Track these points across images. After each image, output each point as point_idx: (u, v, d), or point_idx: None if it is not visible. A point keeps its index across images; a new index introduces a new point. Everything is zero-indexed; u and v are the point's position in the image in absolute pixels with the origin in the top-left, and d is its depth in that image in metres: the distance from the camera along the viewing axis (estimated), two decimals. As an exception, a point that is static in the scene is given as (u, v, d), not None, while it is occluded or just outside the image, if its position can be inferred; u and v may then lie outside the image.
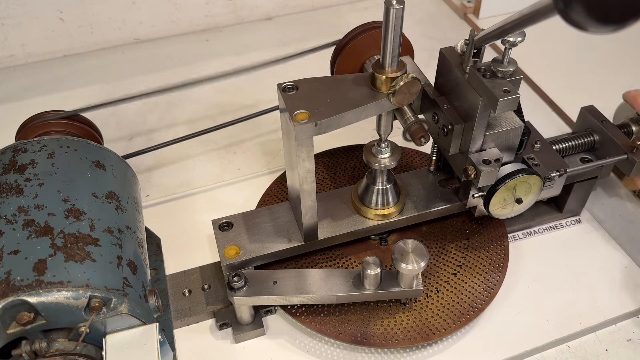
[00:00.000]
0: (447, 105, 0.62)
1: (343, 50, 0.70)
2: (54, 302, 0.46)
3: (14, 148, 0.58)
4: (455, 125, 0.60)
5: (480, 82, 0.55)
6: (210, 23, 1.14)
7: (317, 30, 1.14)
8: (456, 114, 0.61)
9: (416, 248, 0.59)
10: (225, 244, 0.65)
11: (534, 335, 0.64)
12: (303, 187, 0.59)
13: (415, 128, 0.59)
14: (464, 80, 0.58)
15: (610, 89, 0.95)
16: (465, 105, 0.59)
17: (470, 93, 0.58)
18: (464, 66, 0.58)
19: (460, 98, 0.60)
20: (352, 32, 0.71)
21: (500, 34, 0.52)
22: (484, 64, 0.57)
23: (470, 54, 0.57)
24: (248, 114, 0.78)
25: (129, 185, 0.62)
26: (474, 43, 0.56)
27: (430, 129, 0.64)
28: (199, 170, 0.85)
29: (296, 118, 0.53)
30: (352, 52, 0.70)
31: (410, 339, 0.61)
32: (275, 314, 0.67)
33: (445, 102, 0.62)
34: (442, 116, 0.62)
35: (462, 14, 1.15)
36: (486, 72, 0.56)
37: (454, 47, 0.62)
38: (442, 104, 0.62)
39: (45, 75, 1.04)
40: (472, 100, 0.58)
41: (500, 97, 0.53)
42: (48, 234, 0.50)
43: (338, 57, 0.71)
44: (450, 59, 0.60)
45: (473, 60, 0.57)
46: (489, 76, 0.56)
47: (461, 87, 0.59)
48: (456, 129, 0.60)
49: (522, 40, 0.54)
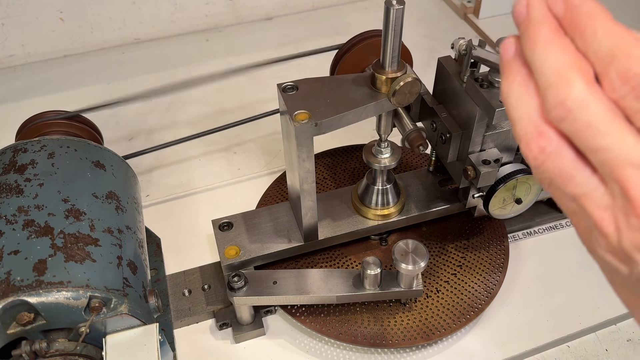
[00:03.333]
0: (445, 113, 0.63)
1: (343, 58, 0.71)
2: (54, 302, 0.46)
3: (14, 148, 0.58)
4: (453, 134, 0.61)
5: (478, 92, 0.56)
6: (210, 23, 1.14)
7: (317, 30, 1.14)
8: (454, 123, 0.62)
9: (416, 248, 0.59)
10: (225, 244, 0.65)
11: (534, 335, 0.64)
12: (303, 187, 0.59)
13: (414, 136, 0.60)
14: (462, 90, 0.59)
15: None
16: (463, 114, 0.60)
17: (468, 102, 0.58)
18: (462, 76, 0.59)
19: (458, 107, 0.61)
20: (353, 40, 0.71)
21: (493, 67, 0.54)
22: (482, 73, 0.58)
23: (467, 64, 0.57)
24: (249, 116, 0.78)
25: (129, 185, 0.62)
26: (471, 54, 0.56)
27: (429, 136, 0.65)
28: (199, 170, 0.85)
29: (296, 118, 0.53)
30: (352, 60, 0.70)
31: (410, 339, 0.61)
32: (275, 314, 0.67)
33: (443, 111, 0.63)
34: (440, 124, 0.63)
35: (462, 14, 1.15)
36: (483, 82, 0.56)
37: (451, 57, 0.62)
38: (440, 113, 0.63)
39: (45, 75, 1.04)
40: (469, 109, 0.59)
41: (497, 108, 0.54)
42: (48, 234, 0.50)
43: (338, 64, 0.71)
44: (448, 68, 0.61)
45: (470, 70, 0.58)
46: (486, 86, 0.56)
47: (459, 96, 0.60)
48: (454, 137, 0.61)
49: None
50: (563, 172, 0.28)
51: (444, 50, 1.06)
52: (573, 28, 0.27)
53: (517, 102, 0.29)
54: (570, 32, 0.28)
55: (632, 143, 0.25)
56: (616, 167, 0.26)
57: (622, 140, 0.25)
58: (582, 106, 0.26)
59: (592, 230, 0.28)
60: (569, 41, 0.27)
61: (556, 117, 0.27)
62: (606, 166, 0.26)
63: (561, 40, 0.27)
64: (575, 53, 0.27)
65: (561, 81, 0.27)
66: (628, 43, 0.26)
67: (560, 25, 0.28)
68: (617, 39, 0.26)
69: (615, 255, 0.27)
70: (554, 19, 0.28)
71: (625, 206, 0.26)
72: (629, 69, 0.25)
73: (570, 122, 0.26)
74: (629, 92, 0.25)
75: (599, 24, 0.26)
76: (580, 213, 0.28)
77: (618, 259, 0.27)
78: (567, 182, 0.28)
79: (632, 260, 0.26)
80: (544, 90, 0.27)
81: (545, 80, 0.27)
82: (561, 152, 0.28)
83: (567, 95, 0.26)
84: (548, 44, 0.27)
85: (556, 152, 0.28)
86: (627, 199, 0.25)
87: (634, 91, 0.25)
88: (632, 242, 0.26)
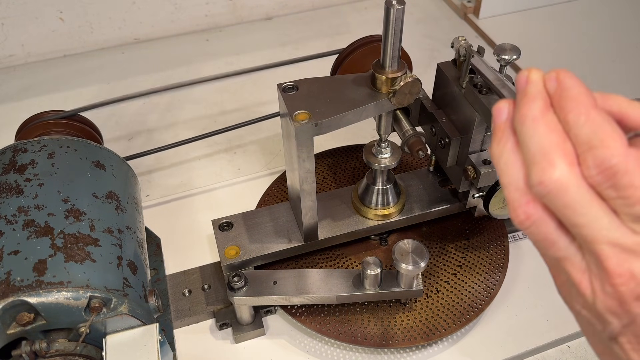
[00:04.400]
0: (444, 118, 0.63)
1: (343, 62, 0.71)
2: (54, 302, 0.46)
3: (13, 148, 0.58)
4: (452, 139, 0.61)
5: (477, 98, 0.56)
6: (210, 23, 1.14)
7: (317, 30, 1.14)
8: (453, 128, 0.62)
9: (416, 248, 0.59)
10: (225, 244, 0.65)
11: (534, 335, 0.64)
12: (303, 187, 0.59)
13: (413, 141, 0.60)
14: (461, 95, 0.59)
15: (611, 88, 0.95)
16: (462, 119, 0.60)
17: (467, 108, 0.59)
18: (461, 81, 0.59)
19: (457, 112, 0.61)
20: (353, 44, 0.71)
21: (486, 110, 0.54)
22: (480, 79, 0.58)
23: (466, 70, 0.57)
24: (250, 118, 0.78)
25: (129, 185, 0.62)
26: (470, 62, 0.56)
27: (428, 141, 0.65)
28: (199, 170, 0.85)
29: (296, 118, 0.53)
30: (353, 64, 0.71)
31: (410, 339, 0.61)
32: (275, 314, 0.67)
33: (443, 116, 0.63)
34: (439, 129, 0.63)
35: (462, 14, 1.15)
36: (482, 88, 0.56)
37: (450, 63, 0.62)
38: (440, 117, 0.63)
39: (45, 75, 1.04)
40: (468, 114, 0.59)
41: None
42: (48, 234, 0.50)
43: (338, 68, 0.72)
44: (447, 74, 0.61)
45: (469, 76, 0.58)
46: (485, 92, 0.56)
47: (458, 101, 0.60)
48: (453, 142, 0.61)
49: (517, 59, 0.56)
50: (546, 238, 0.30)
51: (444, 50, 1.06)
52: (560, 108, 0.30)
53: (506, 168, 0.31)
54: (557, 110, 0.30)
55: (606, 224, 0.28)
56: (592, 243, 0.28)
57: (598, 221, 0.28)
58: (562, 188, 0.28)
59: (570, 286, 0.31)
60: (556, 121, 0.30)
61: (538, 193, 0.29)
62: (583, 240, 0.29)
63: (549, 119, 0.30)
64: (560, 134, 0.29)
65: (545, 161, 0.29)
66: (606, 134, 0.28)
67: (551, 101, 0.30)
68: (597, 127, 0.28)
69: (591, 312, 0.30)
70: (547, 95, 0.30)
71: (601, 275, 0.29)
72: (605, 160, 0.27)
73: (550, 199, 0.29)
74: (604, 180, 0.28)
75: (582, 110, 0.29)
76: (561, 271, 0.31)
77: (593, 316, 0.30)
78: (549, 246, 0.31)
79: (605, 320, 0.29)
80: (529, 164, 0.30)
81: (531, 157, 0.29)
82: (544, 221, 0.30)
83: (549, 177, 0.28)
84: (537, 121, 0.30)
85: (540, 221, 0.30)
86: (602, 269, 0.28)
87: (608, 181, 0.28)
88: (605, 306, 0.29)
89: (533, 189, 0.29)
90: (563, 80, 0.30)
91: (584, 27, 1.11)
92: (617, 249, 0.28)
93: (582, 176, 0.28)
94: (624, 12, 1.15)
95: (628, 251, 0.28)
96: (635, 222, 0.28)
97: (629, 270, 0.27)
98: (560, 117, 0.29)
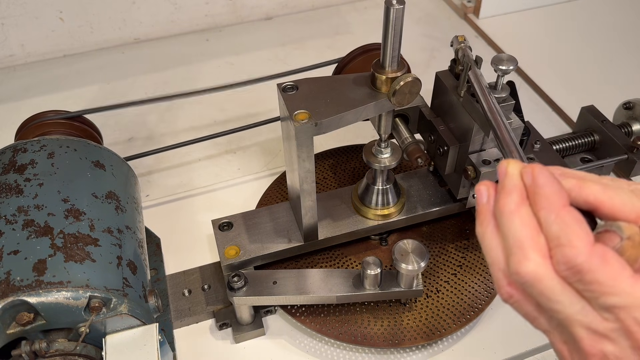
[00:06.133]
0: (443, 126, 0.63)
1: (342, 71, 0.71)
2: (54, 302, 0.46)
3: (13, 148, 0.58)
4: (450, 147, 0.61)
5: (474, 107, 0.57)
6: (210, 23, 1.14)
7: (317, 30, 1.14)
8: (451, 136, 0.62)
9: (416, 248, 0.59)
10: (225, 244, 0.65)
11: (534, 335, 0.63)
12: (303, 187, 0.59)
13: (412, 148, 0.60)
14: (459, 104, 0.59)
15: (611, 88, 0.95)
16: (460, 128, 0.61)
17: (465, 116, 0.59)
18: (459, 90, 0.59)
19: (455, 120, 0.62)
20: (352, 53, 0.71)
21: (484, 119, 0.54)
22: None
23: (464, 79, 0.57)
24: (249, 121, 0.78)
25: (128, 185, 0.62)
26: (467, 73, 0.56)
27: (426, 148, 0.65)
28: (199, 170, 0.85)
29: (296, 118, 0.53)
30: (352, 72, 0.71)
31: (410, 339, 0.61)
32: (275, 314, 0.67)
33: (441, 124, 0.64)
34: (437, 137, 0.64)
35: (462, 14, 1.15)
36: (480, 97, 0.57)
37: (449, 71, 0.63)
38: (438, 125, 0.63)
39: (45, 75, 1.04)
40: (466, 123, 0.59)
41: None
42: (48, 234, 0.50)
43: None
44: (446, 83, 0.61)
45: (467, 85, 0.58)
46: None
47: (456, 110, 0.60)
48: (451, 150, 0.62)
49: (514, 69, 0.56)
50: (528, 315, 0.34)
51: (443, 50, 1.06)
52: (534, 203, 0.32)
53: (489, 250, 0.34)
54: (532, 204, 0.33)
55: (579, 309, 0.31)
56: (568, 325, 0.32)
57: (572, 306, 0.31)
58: (536, 279, 0.31)
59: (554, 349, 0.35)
60: (531, 214, 0.32)
61: (516, 282, 0.33)
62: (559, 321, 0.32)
63: (524, 213, 0.32)
64: (533, 228, 0.32)
65: (520, 253, 0.32)
66: (573, 233, 0.30)
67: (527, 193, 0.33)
68: (565, 226, 0.31)
69: None
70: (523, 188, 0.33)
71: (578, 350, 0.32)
72: (571, 259, 0.30)
73: (527, 287, 0.32)
74: (571, 275, 0.31)
75: (553, 208, 0.31)
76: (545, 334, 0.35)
77: None
78: (532, 321, 0.34)
79: None
80: (507, 254, 0.33)
81: (509, 247, 0.32)
82: (525, 302, 0.34)
83: (524, 268, 0.31)
84: (512, 214, 0.32)
85: (521, 301, 0.34)
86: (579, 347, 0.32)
87: (575, 276, 0.30)
88: None
89: (511, 277, 0.32)
90: (537, 177, 0.32)
91: (584, 27, 1.11)
92: (590, 332, 0.31)
93: (555, 268, 0.31)
94: (624, 12, 1.15)
95: (600, 335, 0.31)
96: (603, 311, 0.30)
97: (601, 351, 0.31)
98: (534, 211, 0.32)
